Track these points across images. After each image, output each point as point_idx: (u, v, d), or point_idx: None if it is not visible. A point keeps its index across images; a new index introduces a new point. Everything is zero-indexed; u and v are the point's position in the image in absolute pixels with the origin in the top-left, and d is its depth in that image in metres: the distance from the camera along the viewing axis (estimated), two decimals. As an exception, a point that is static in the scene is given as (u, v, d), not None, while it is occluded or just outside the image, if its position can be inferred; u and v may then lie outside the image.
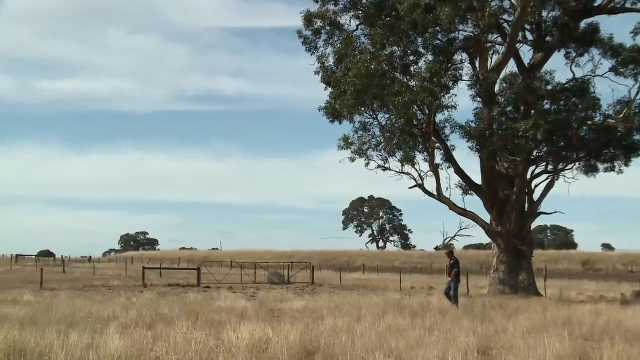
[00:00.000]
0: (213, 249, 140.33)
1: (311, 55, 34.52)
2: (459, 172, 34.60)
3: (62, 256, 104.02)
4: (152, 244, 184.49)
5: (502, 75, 33.25)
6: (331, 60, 34.13)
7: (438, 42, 32.26)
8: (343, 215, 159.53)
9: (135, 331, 13.55)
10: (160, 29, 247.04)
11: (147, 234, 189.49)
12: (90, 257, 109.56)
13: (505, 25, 33.82)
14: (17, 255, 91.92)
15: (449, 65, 31.93)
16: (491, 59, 33.76)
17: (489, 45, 33.94)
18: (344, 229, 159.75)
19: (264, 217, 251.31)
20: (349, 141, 34.22)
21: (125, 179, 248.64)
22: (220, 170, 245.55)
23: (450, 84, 31.42)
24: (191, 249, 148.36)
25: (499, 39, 34.36)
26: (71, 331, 12.87)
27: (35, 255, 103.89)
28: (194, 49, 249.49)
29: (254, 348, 11.69)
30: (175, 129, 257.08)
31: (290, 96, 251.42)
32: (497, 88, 33.02)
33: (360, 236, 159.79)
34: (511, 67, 34.05)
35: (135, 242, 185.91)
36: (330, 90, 34.25)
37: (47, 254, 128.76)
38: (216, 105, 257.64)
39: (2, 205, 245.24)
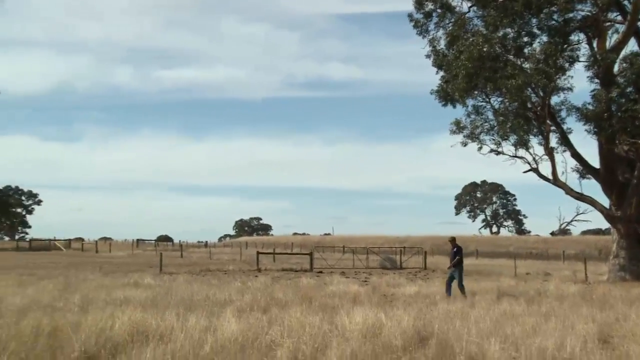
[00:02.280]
0: (325, 234, 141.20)
1: (422, 38, 34.19)
2: (575, 155, 33.51)
3: (179, 241, 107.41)
4: (266, 229, 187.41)
5: (621, 55, 31.88)
6: (442, 44, 33.70)
7: (553, 22, 31.24)
8: (455, 200, 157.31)
9: (250, 315, 13.83)
10: (271, 17, 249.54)
11: (261, 219, 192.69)
12: (206, 242, 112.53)
13: (626, 2, 32.39)
14: (137, 240, 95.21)
15: (565, 46, 30.95)
16: (610, 38, 32.37)
17: (607, 24, 32.56)
18: (457, 214, 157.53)
19: (375, 202, 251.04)
20: (461, 125, 33.72)
21: (240, 165, 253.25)
22: (332, 156, 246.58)
23: (566, 65, 30.49)
24: (303, 234, 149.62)
25: (619, 18, 32.91)
26: (189, 314, 13.25)
27: (155, 240, 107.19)
28: (305, 35, 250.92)
29: (367, 333, 11.72)
30: (288, 115, 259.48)
31: (401, 81, 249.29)
32: (616, 68, 31.68)
33: (473, 221, 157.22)
34: (631, 46, 32.59)
35: (249, 227, 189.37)
36: (441, 73, 33.85)
37: (165, 238, 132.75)
38: (327, 91, 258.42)
39: (124, 192, 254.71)
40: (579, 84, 59.84)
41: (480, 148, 33.78)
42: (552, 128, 32.77)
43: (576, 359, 9.92)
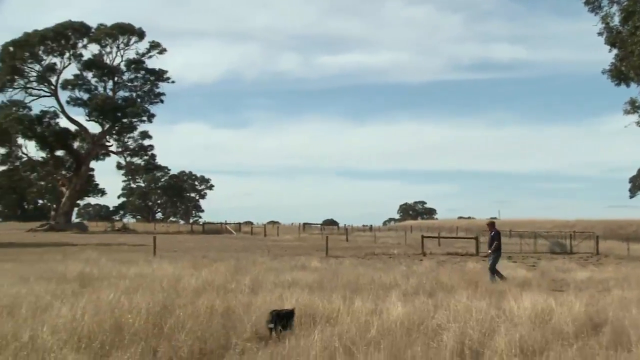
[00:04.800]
0: (491, 217, 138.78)
1: (594, 15, 32.81)
2: None
3: (344, 225, 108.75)
4: (430, 213, 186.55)
5: None
6: (616, 20, 32.20)
7: None
8: (629, 182, 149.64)
9: (416, 298, 13.81)
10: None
11: (425, 203, 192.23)
12: (371, 225, 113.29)
13: None
14: (304, 224, 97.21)
15: None
16: None
17: None
18: (631, 197, 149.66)
19: (543, 185, 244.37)
20: (636, 104, 32.07)
21: (403, 149, 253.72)
22: (497, 138, 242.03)
23: None
24: (469, 217, 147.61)
25: None
26: (355, 297, 13.41)
27: (320, 224, 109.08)
28: (469, 17, 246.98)
29: (536, 319, 11.44)
30: (451, 98, 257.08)
31: (569, 60, 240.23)
32: None
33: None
34: None
35: (414, 211, 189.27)
36: (615, 51, 32.32)
37: (331, 222, 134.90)
38: (492, 73, 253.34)
39: (291, 176, 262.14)
40: None
41: (657, 128, 32.01)
42: None
43: None
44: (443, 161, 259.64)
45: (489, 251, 22.53)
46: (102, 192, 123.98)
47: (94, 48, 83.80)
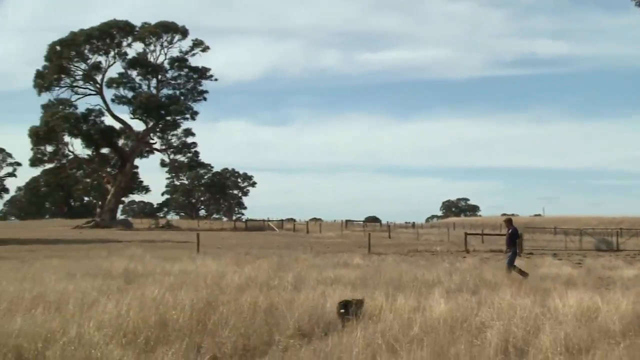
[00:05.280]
0: (535, 214, 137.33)
1: (641, 9, 32.18)
2: None
3: (387, 222, 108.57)
4: (473, 209, 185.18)
5: None
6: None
7: None
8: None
9: (459, 296, 13.73)
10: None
11: (468, 200, 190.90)
12: (413, 222, 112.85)
13: None
14: (346, 221, 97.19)
15: None
16: None
17: None
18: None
19: (589, 182, 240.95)
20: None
21: (446, 146, 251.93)
22: (541, 135, 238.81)
23: None
24: (512, 214, 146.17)
25: None
26: (398, 294, 13.37)
27: (363, 221, 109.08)
28: (511, 12, 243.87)
29: (582, 317, 11.29)
30: (494, 94, 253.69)
31: (616, 55, 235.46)
32: None
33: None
34: None
35: (456, 208, 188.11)
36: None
37: (373, 219, 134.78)
38: (535, 69, 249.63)
39: (333, 173, 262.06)
40: None
41: None
42: None
43: None
44: (486, 158, 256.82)
45: (507, 248, 22.38)
46: (146, 190, 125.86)
47: (138, 46, 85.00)
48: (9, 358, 8.23)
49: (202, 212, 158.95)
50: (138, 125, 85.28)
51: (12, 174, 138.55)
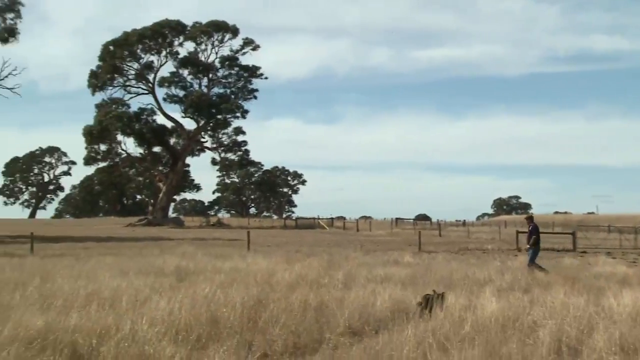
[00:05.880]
0: (588, 212, 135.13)
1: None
2: None
3: (437, 220, 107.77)
4: (525, 207, 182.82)
5: None
6: None
7: None
8: None
9: (510, 294, 13.59)
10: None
11: (520, 197, 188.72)
12: (464, 220, 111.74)
13: None
14: (396, 219, 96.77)
15: None
16: None
17: None
18: None
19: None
20: None
21: (498, 143, 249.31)
22: (596, 132, 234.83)
23: None
24: (565, 212, 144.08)
25: None
26: (448, 292, 13.29)
27: (413, 219, 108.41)
28: (565, 8, 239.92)
29: (637, 316, 11.09)
30: (548, 91, 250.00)
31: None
32: None
33: None
34: None
35: (508, 206, 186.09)
36: None
37: (423, 217, 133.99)
38: (590, 65, 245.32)
39: (383, 171, 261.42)
40: None
41: None
42: None
43: None
44: (538, 155, 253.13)
45: (528, 246, 22.35)
46: (198, 188, 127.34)
47: (189, 46, 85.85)
48: (65, 353, 8.39)
49: (253, 210, 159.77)
50: (189, 124, 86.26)
51: (67, 173, 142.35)
